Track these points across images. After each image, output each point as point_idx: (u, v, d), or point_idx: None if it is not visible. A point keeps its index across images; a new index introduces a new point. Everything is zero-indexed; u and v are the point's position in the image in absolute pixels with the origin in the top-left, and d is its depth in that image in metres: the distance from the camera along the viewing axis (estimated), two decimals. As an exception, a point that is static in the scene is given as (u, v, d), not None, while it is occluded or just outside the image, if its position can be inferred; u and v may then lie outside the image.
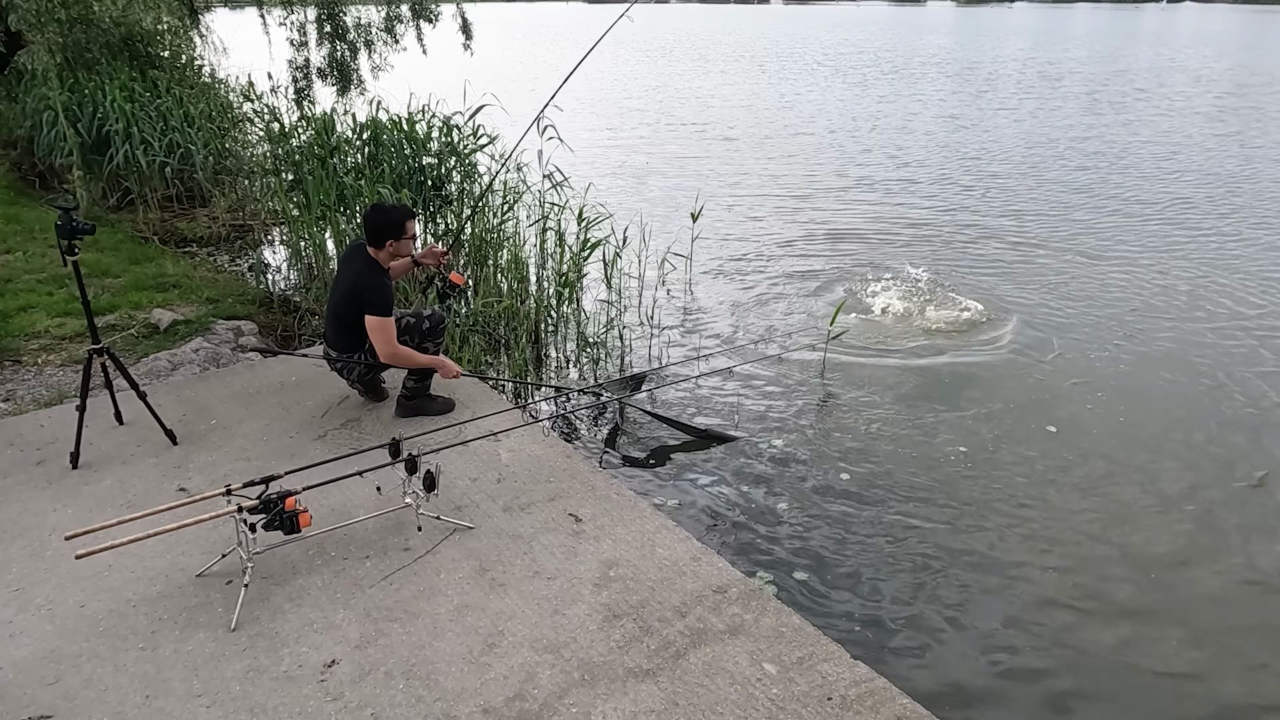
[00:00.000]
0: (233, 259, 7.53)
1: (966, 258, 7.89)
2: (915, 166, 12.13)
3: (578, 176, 7.01)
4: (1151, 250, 8.09)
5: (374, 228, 3.80)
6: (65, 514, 3.26)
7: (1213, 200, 10.01)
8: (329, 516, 3.20)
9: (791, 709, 2.39)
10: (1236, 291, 6.90)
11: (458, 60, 9.85)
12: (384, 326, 3.73)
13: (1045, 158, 12.68)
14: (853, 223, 9.17)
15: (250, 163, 8.88)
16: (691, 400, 5.07)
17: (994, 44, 38.85)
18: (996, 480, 4.22)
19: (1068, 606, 3.37)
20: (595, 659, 2.57)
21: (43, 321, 5.26)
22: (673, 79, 24.19)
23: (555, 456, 3.77)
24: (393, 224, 3.79)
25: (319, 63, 9.64)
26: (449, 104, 7.32)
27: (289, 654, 2.59)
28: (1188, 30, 52.35)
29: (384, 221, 3.78)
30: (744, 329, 6.22)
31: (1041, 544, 3.74)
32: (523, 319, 5.74)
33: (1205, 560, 3.66)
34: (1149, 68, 26.62)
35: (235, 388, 4.40)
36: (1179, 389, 5.25)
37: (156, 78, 9.07)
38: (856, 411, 4.93)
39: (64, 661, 2.56)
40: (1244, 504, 4.05)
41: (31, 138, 8.94)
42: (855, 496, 4.08)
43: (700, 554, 3.09)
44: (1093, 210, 9.64)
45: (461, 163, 6.90)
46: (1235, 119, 16.23)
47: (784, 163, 12.53)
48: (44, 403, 4.32)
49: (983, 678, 3.01)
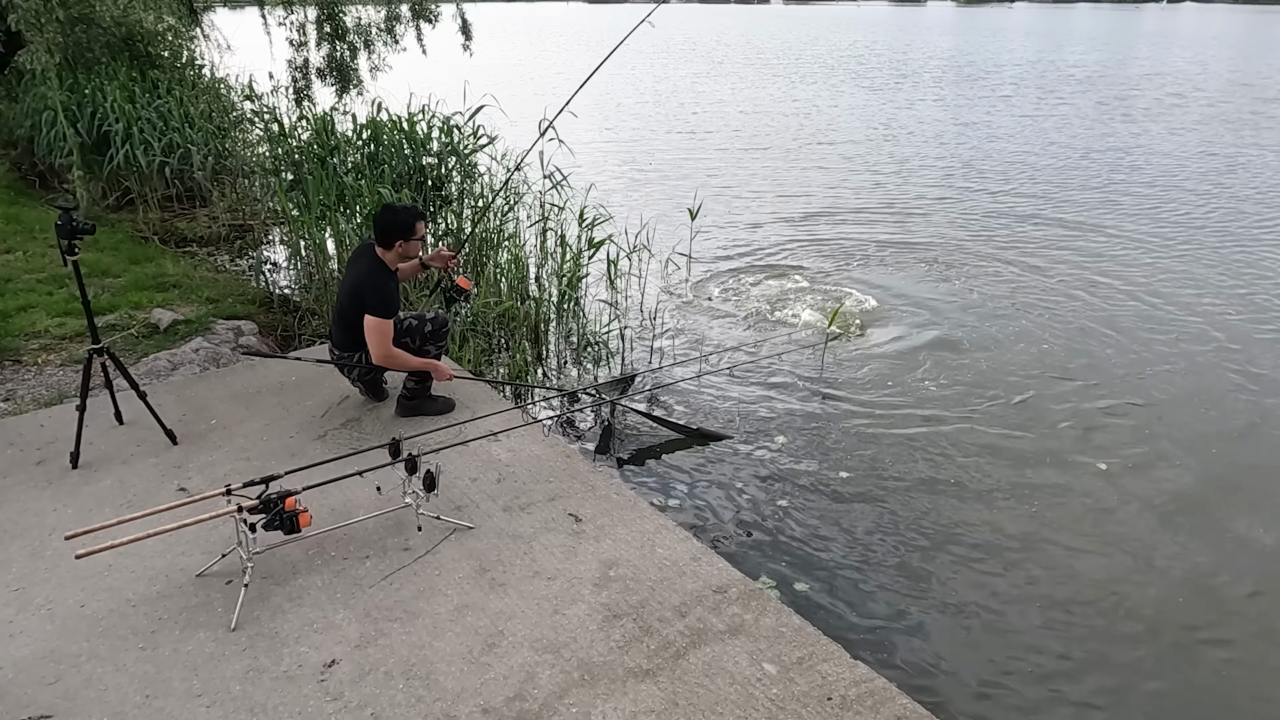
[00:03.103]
0: (233, 259, 7.53)
1: (972, 260, 7.89)
2: (920, 169, 12.11)
3: (578, 177, 7.02)
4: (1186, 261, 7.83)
5: (384, 228, 3.78)
6: (65, 514, 3.26)
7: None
8: (329, 516, 3.20)
9: (791, 709, 2.39)
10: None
11: (457, 60, 9.85)
12: (381, 328, 3.72)
13: (1069, 163, 12.42)
14: (854, 223, 9.17)
15: (250, 163, 8.88)
16: (692, 400, 5.07)
17: (1007, 46, 38.50)
18: (998, 480, 4.23)
19: (1070, 606, 3.37)
20: (595, 659, 2.57)
21: (43, 321, 5.26)
22: (675, 81, 24.17)
23: (555, 456, 3.77)
24: (403, 224, 3.77)
25: (319, 63, 9.63)
26: (449, 104, 7.32)
27: (289, 654, 2.59)
28: (1198, 31, 52.10)
29: (394, 222, 3.77)
30: (744, 328, 6.22)
31: (1044, 544, 3.74)
32: (523, 319, 5.74)
33: (1208, 561, 3.66)
34: (1176, 71, 26.15)
35: (235, 387, 4.40)
36: (1205, 390, 5.23)
37: (156, 78, 9.07)
38: (856, 411, 4.93)
39: (64, 661, 2.56)
40: (1252, 505, 4.06)
41: (31, 138, 8.93)
42: (855, 496, 4.09)
43: (700, 554, 3.09)
44: (1118, 215, 9.47)
45: (462, 163, 6.91)
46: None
47: (785, 164, 12.54)
48: (44, 402, 4.31)
49: (983, 678, 3.02)
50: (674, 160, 12.72)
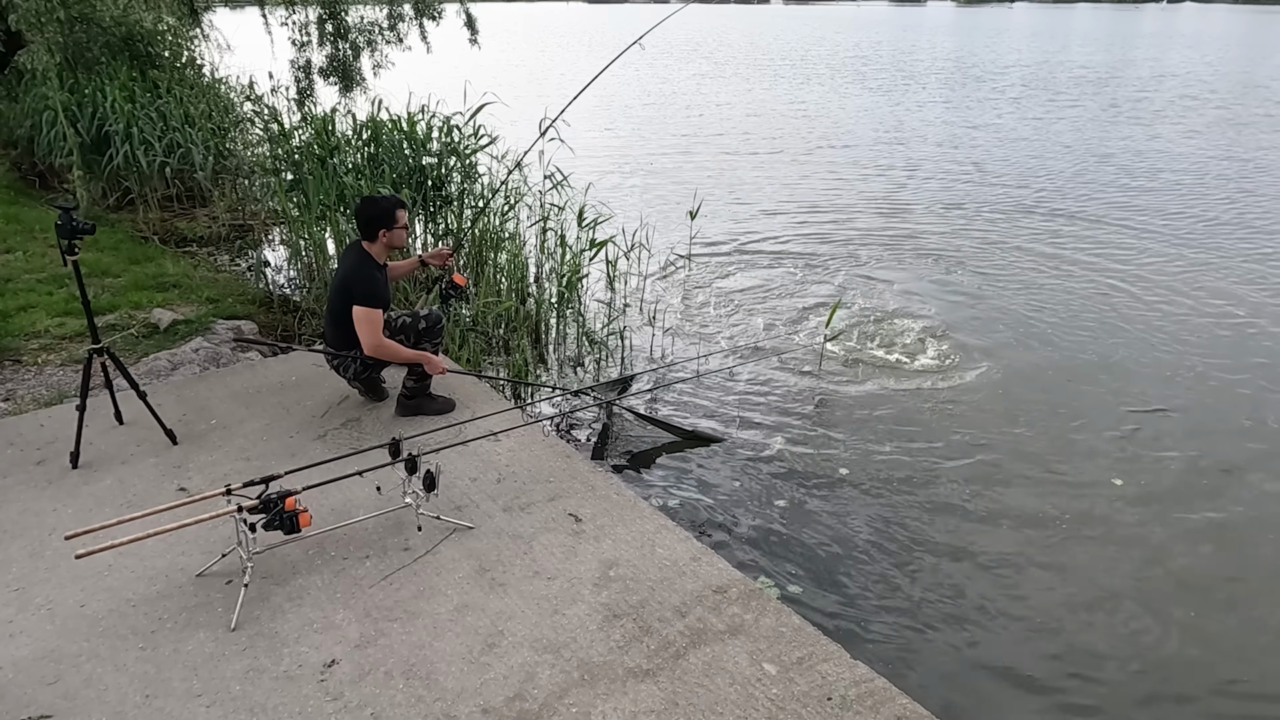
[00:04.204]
0: (233, 259, 7.54)
1: (974, 260, 7.89)
2: (928, 172, 12.04)
3: (578, 177, 7.01)
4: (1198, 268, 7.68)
5: (365, 219, 3.84)
6: (65, 514, 3.26)
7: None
8: (329, 516, 3.20)
9: (791, 709, 2.39)
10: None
11: (458, 61, 9.86)
12: (370, 318, 3.73)
13: (1085, 166, 12.23)
14: (855, 224, 9.17)
15: (250, 163, 8.87)
16: (692, 399, 5.07)
17: (1012, 47, 38.42)
18: (998, 479, 4.22)
19: (1070, 607, 3.37)
20: (595, 659, 2.57)
21: (43, 321, 5.26)
22: (677, 82, 24.13)
23: (555, 456, 3.77)
24: (383, 212, 3.82)
25: (320, 62, 9.62)
26: (449, 104, 7.32)
27: (289, 654, 2.59)
28: (1201, 31, 51.94)
29: (374, 211, 3.82)
30: (744, 329, 6.22)
31: (1044, 544, 3.74)
32: (522, 319, 5.74)
33: (1212, 561, 3.66)
34: (1187, 72, 25.92)
35: (235, 387, 4.40)
36: (1204, 387, 5.22)
37: (157, 78, 9.06)
38: (855, 411, 4.93)
39: (64, 661, 2.56)
40: (1259, 507, 4.05)
41: (31, 137, 8.92)
42: (855, 495, 4.09)
43: (700, 554, 3.09)
44: (1140, 216, 9.37)
45: (462, 162, 6.90)
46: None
47: (787, 166, 12.53)
48: (44, 402, 4.31)
49: (983, 678, 3.02)
50: (675, 161, 12.72)
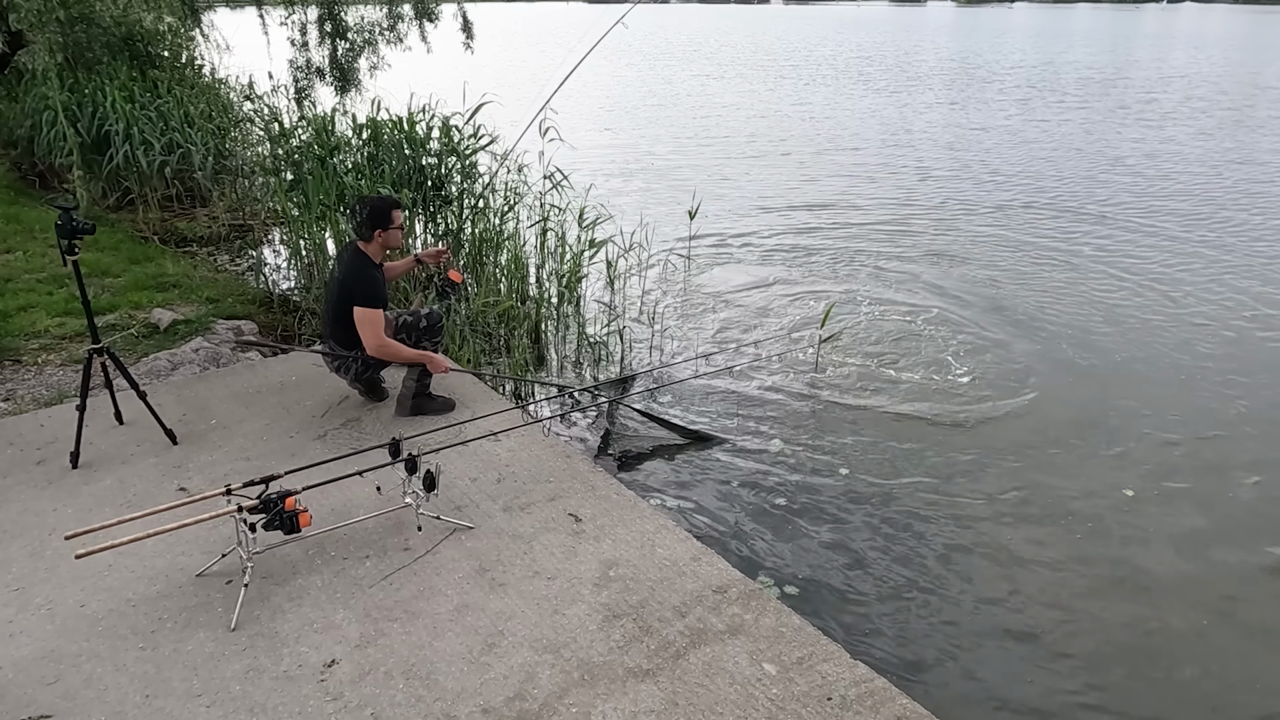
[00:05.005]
0: (233, 259, 7.54)
1: (976, 261, 7.89)
2: (933, 174, 12.01)
3: (579, 177, 7.01)
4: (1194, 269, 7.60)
5: (361, 220, 3.86)
6: (65, 514, 3.26)
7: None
8: (329, 516, 3.20)
9: (791, 709, 2.39)
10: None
11: (457, 61, 9.85)
12: (371, 318, 3.76)
13: (1097, 168, 12.15)
14: (855, 224, 9.16)
15: (250, 163, 8.87)
16: (691, 399, 5.07)
17: (1015, 47, 38.28)
18: (998, 479, 4.22)
19: (1070, 607, 3.37)
20: (595, 659, 2.57)
21: (43, 321, 5.26)
22: (679, 83, 24.10)
23: (555, 456, 3.77)
24: (378, 212, 3.84)
25: (319, 62, 9.63)
26: (449, 104, 7.32)
27: (289, 654, 2.59)
28: (1203, 31, 51.87)
29: (370, 212, 3.85)
30: (743, 329, 6.22)
31: (1044, 544, 3.74)
32: (522, 319, 5.74)
33: (1214, 561, 3.66)
34: (1193, 73, 25.79)
35: (235, 387, 4.40)
36: (1203, 382, 5.23)
37: (156, 78, 9.07)
38: (855, 410, 4.92)
39: (64, 661, 2.56)
40: (1258, 511, 4.05)
41: (31, 137, 8.92)
42: (855, 495, 4.08)
43: (700, 554, 3.09)
44: (1155, 219, 9.27)
45: (462, 162, 6.90)
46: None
47: (788, 168, 12.53)
48: (44, 402, 4.31)
49: (984, 678, 3.01)
50: (675, 161, 12.71)
